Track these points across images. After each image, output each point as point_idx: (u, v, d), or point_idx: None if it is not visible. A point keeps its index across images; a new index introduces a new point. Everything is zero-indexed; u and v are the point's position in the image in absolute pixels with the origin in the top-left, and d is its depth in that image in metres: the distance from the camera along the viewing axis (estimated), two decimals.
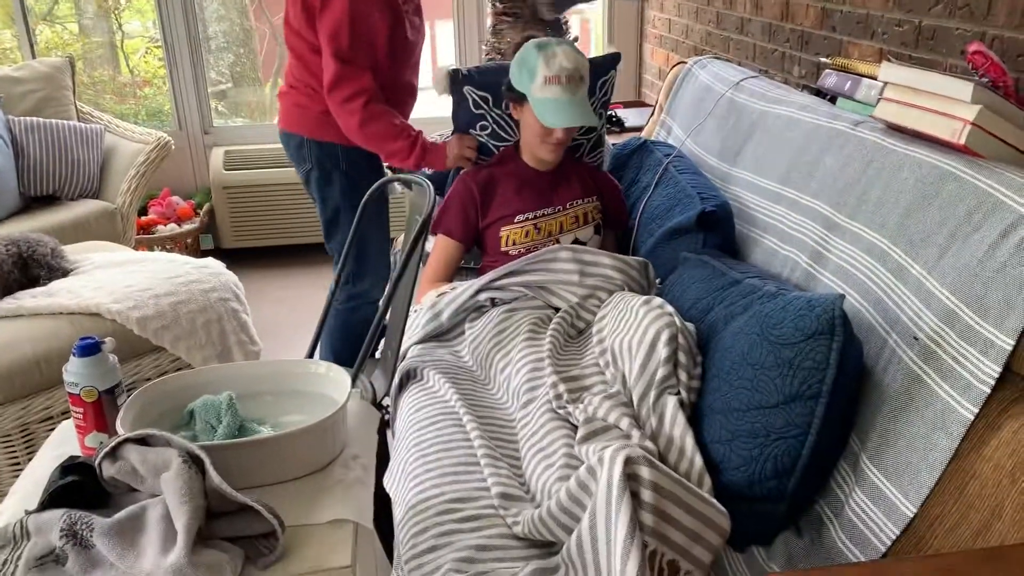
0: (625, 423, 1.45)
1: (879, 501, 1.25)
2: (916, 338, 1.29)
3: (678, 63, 2.70)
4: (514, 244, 2.06)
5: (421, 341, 1.96)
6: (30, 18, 3.91)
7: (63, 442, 1.37)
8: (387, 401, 1.84)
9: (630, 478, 1.14)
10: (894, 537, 1.20)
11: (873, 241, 1.48)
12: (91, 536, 1.04)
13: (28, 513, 1.09)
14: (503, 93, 2.13)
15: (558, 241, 2.04)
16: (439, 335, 1.98)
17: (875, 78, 1.84)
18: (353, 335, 2.51)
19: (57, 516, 1.06)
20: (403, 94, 2.39)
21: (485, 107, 2.25)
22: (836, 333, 1.27)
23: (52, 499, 1.11)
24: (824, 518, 1.34)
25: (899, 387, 1.29)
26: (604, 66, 2.30)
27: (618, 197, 2.23)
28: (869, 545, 1.23)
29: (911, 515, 1.19)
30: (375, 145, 2.23)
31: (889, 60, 1.66)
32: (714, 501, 1.21)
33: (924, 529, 1.17)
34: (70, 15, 4.73)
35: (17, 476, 1.47)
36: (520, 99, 2.03)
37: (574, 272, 1.90)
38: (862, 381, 1.37)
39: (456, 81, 2.24)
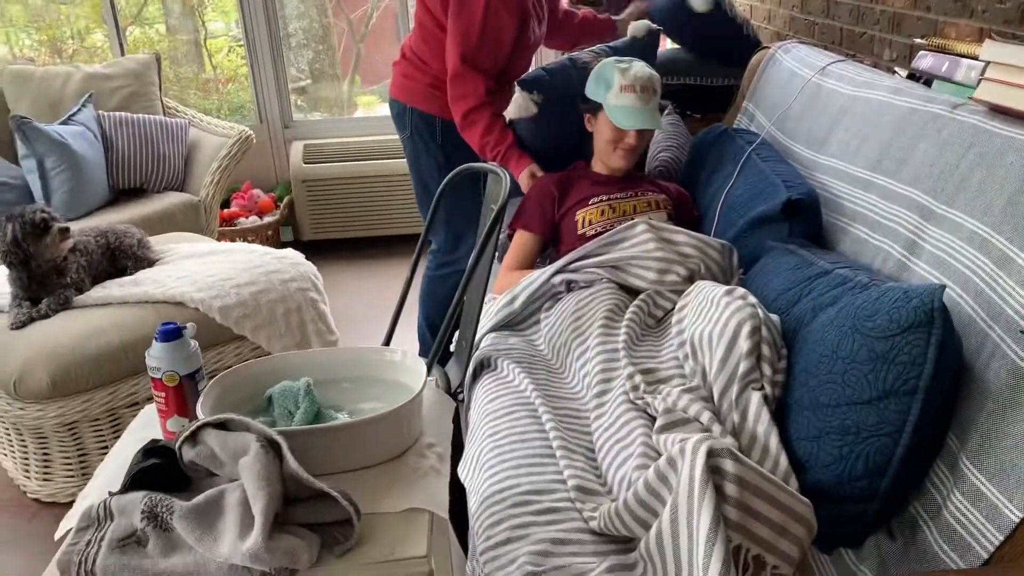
0: (706, 417, 1.40)
1: (980, 504, 1.17)
2: (1022, 332, 1.21)
3: (761, 48, 2.62)
4: (590, 224, 2.07)
5: (495, 328, 1.94)
6: (120, 19, 4.03)
7: (146, 426, 1.40)
8: (462, 391, 1.83)
9: (713, 471, 1.10)
10: (998, 543, 1.13)
11: (974, 230, 1.40)
12: (171, 519, 1.05)
13: (111, 495, 1.11)
14: (579, 107, 2.21)
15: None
16: (513, 323, 1.96)
17: (976, 58, 1.74)
18: (444, 302, 2.63)
19: (138, 498, 1.07)
20: (508, 81, 2.47)
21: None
22: (935, 326, 1.20)
23: (134, 481, 1.12)
24: (919, 520, 1.27)
25: (1003, 384, 1.21)
26: None
27: (688, 202, 2.25)
28: (970, 550, 1.16)
29: (1017, 520, 1.11)
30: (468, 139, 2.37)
31: (992, 38, 1.57)
32: (797, 494, 1.16)
33: None
34: (158, 16, 4.88)
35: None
36: (595, 109, 2.15)
37: (650, 244, 1.87)
38: (961, 377, 1.30)
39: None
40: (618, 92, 2.07)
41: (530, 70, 2.49)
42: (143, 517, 1.06)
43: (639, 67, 2.11)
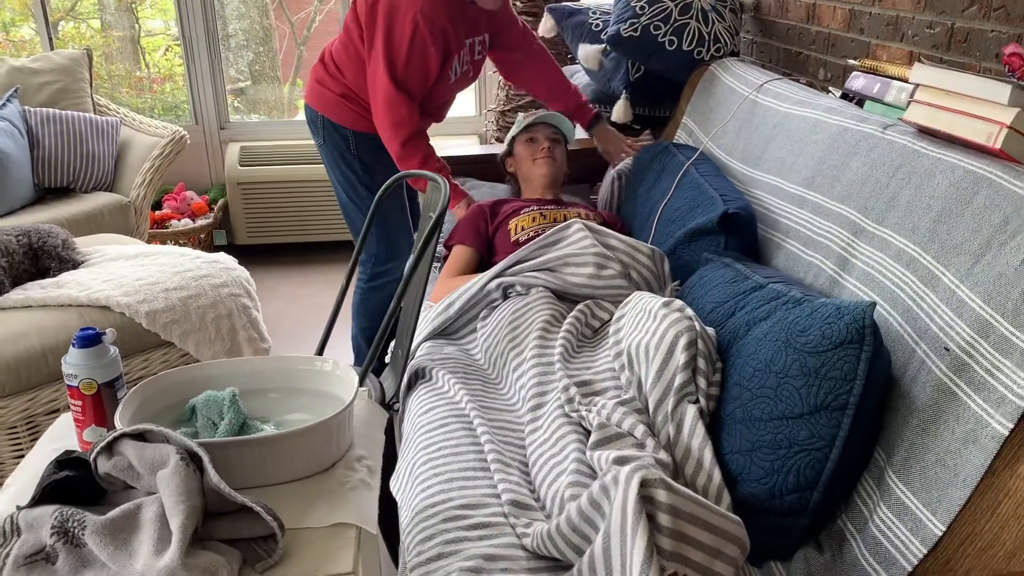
0: (640, 431, 1.40)
1: (905, 517, 1.19)
2: (947, 349, 1.23)
3: (700, 65, 2.65)
4: (523, 230, 2.11)
5: (431, 336, 1.92)
6: (50, 13, 3.90)
7: (61, 436, 1.34)
8: (397, 401, 1.79)
9: (646, 501, 1.09)
10: (921, 556, 1.14)
11: (902, 247, 1.43)
12: (83, 534, 1.00)
13: (19, 508, 1.06)
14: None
15: None
16: (449, 331, 1.94)
17: (906, 80, 1.78)
18: (377, 313, 2.56)
19: (49, 512, 1.02)
20: (433, 110, 2.45)
21: None
22: (865, 342, 1.22)
23: (45, 495, 1.07)
24: (846, 534, 1.29)
25: (928, 399, 1.24)
26: None
27: (618, 226, 2.29)
28: (894, 564, 1.18)
29: (939, 533, 1.13)
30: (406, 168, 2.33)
31: (921, 62, 1.61)
32: (730, 514, 1.16)
33: (954, 549, 1.12)
34: (93, 12, 4.74)
35: None
36: (512, 147, 2.47)
37: (586, 240, 1.88)
38: (889, 392, 1.32)
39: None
40: (522, 120, 2.46)
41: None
42: (53, 532, 1.00)
43: (542, 112, 2.51)
